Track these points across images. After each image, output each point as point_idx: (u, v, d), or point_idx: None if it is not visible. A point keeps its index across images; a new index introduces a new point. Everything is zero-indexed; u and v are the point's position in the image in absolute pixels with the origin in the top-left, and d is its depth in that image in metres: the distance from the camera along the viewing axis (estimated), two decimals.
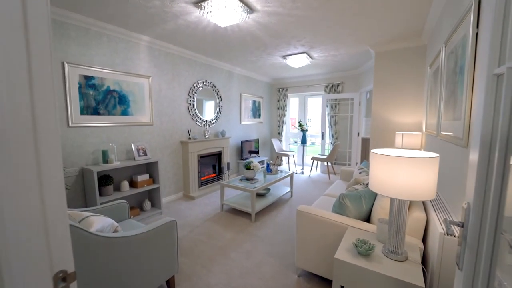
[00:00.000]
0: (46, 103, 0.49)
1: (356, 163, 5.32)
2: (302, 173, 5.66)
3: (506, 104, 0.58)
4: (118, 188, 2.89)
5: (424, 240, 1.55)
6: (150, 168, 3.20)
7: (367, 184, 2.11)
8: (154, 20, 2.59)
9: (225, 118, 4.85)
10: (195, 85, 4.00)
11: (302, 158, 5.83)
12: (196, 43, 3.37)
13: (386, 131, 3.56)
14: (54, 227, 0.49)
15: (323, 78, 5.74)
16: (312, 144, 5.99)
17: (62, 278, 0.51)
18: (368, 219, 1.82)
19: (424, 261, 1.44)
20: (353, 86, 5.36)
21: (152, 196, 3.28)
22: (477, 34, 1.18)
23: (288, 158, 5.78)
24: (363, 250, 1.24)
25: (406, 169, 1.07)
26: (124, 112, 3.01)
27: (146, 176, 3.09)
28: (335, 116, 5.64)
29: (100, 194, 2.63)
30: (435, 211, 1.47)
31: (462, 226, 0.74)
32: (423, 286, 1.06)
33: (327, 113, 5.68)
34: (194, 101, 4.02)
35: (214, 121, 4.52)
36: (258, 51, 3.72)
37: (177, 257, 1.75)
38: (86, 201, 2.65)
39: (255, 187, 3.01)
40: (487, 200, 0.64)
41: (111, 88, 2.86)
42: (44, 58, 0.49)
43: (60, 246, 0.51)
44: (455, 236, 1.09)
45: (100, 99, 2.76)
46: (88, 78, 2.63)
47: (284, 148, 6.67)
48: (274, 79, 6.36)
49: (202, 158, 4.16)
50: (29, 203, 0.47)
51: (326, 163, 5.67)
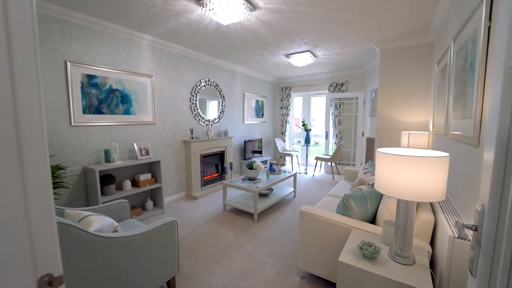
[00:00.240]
0: (29, 97, 0.46)
1: (361, 163, 5.24)
2: (306, 173, 5.60)
3: None
4: (120, 188, 2.89)
5: (432, 242, 1.49)
6: (153, 168, 3.19)
7: (372, 184, 2.06)
8: (156, 19, 2.58)
9: (228, 117, 4.82)
10: (197, 84, 3.98)
11: (306, 158, 5.78)
12: (199, 42, 3.35)
13: (391, 131, 3.48)
14: (39, 227, 0.46)
15: (327, 77, 5.68)
16: (316, 144, 5.93)
17: (48, 282, 0.48)
18: (373, 221, 1.76)
19: (432, 265, 1.39)
20: (357, 85, 5.29)
21: (155, 196, 3.26)
22: (489, 27, 1.12)
23: (292, 158, 5.73)
24: (369, 253, 1.20)
25: (414, 168, 1.02)
26: (127, 111, 3.01)
27: (148, 176, 3.08)
28: (339, 115, 5.57)
29: (102, 193, 2.62)
30: (444, 213, 1.42)
31: (476, 230, 0.69)
32: None
33: (331, 112, 5.61)
34: (196, 100, 4.00)
35: (217, 120, 4.50)
36: (261, 49, 3.69)
37: (177, 257, 1.73)
38: (88, 200, 2.65)
39: (257, 187, 2.98)
40: (504, 203, 0.59)
41: (114, 87, 2.85)
42: (27, 56, 0.47)
43: (45, 248, 0.48)
44: (468, 240, 1.04)
45: (103, 98, 2.75)
46: (90, 77, 2.63)
47: (287, 148, 6.62)
48: (278, 78, 6.32)
49: (205, 157, 4.14)
50: (8, 199, 0.44)
51: (330, 163, 5.60)
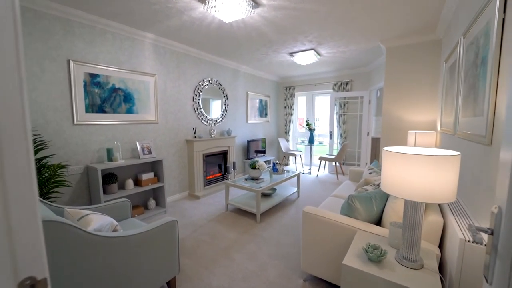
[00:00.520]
0: (8, 89, 0.44)
1: (366, 164, 5.16)
2: (310, 173, 5.54)
3: None
4: (122, 187, 2.88)
5: (441, 245, 1.44)
6: (155, 167, 3.18)
7: (378, 184, 2.00)
8: (158, 17, 2.56)
9: (231, 117, 4.79)
10: (200, 83, 3.96)
11: (310, 158, 5.72)
12: (201, 41, 3.33)
13: (397, 130, 3.41)
14: (20, 227, 0.44)
15: (332, 76, 5.61)
16: (320, 143, 5.85)
17: (31, 286, 0.45)
18: (379, 222, 1.71)
19: (441, 269, 1.33)
20: (362, 84, 5.20)
21: (157, 195, 3.25)
22: (503, 19, 1.06)
23: (295, 158, 5.67)
24: (374, 256, 1.15)
25: (423, 168, 0.97)
26: (129, 110, 3.00)
27: (150, 175, 3.07)
28: (344, 115, 5.49)
29: (105, 192, 2.62)
30: (454, 215, 1.36)
31: (492, 234, 0.64)
32: None
33: (335, 112, 5.54)
34: (199, 99, 3.98)
35: (220, 120, 4.47)
36: (264, 48, 3.65)
37: (178, 257, 1.70)
38: (90, 199, 2.65)
39: (260, 187, 2.94)
40: None
41: (116, 86, 2.85)
42: (8, 53, 0.45)
43: (28, 249, 0.45)
44: (483, 245, 0.98)
45: (105, 97, 2.75)
46: (93, 76, 2.63)
47: (291, 148, 6.57)
48: (281, 77, 6.27)
49: (208, 157, 4.12)
50: None
51: (334, 163, 5.53)
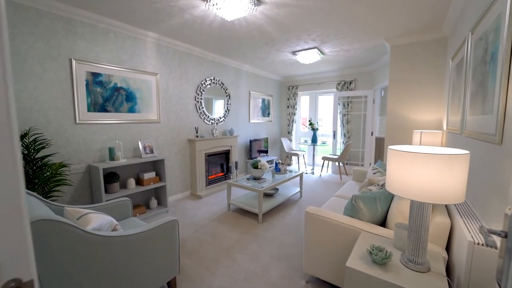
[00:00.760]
0: None
1: (370, 164, 5.09)
2: (313, 173, 5.49)
3: None
4: (124, 186, 2.87)
5: (447, 248, 1.39)
6: (157, 166, 3.17)
7: (382, 185, 1.95)
8: (160, 15, 2.55)
9: (233, 116, 4.77)
10: (203, 82, 3.95)
11: (313, 158, 5.67)
12: (203, 39, 3.31)
13: (402, 130, 3.35)
14: (2, 227, 0.41)
15: (335, 75, 5.55)
16: (323, 143, 5.81)
17: None
18: (383, 224, 1.67)
19: (448, 272, 1.29)
20: (366, 83, 5.14)
21: (159, 194, 3.24)
22: None
23: (298, 157, 5.63)
24: (379, 258, 1.11)
25: (430, 167, 0.93)
26: (131, 110, 3.00)
27: (152, 174, 3.06)
28: (348, 114, 5.43)
29: (106, 192, 2.62)
30: (461, 216, 1.31)
31: (506, 237, 0.60)
32: None
33: (339, 111, 5.48)
34: (201, 98, 3.96)
35: (222, 119, 4.45)
36: (266, 46, 3.62)
37: (178, 257, 1.68)
38: (92, 198, 2.64)
39: (262, 187, 2.91)
40: None
41: (118, 85, 2.84)
42: None
43: (12, 250, 0.43)
44: (495, 248, 0.94)
45: (107, 96, 2.75)
46: (95, 75, 2.63)
47: (294, 148, 6.52)
48: (284, 76, 6.23)
49: (210, 156, 4.10)
50: None
51: (337, 163, 5.47)
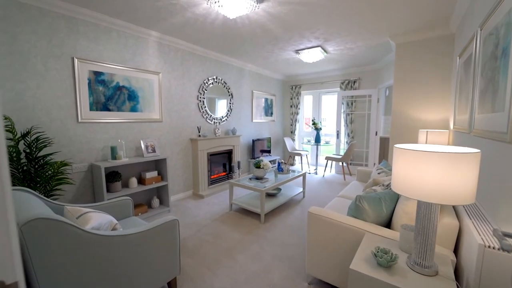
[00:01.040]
0: None
1: (374, 164, 5.02)
2: (316, 173, 5.44)
3: None
4: (126, 185, 2.87)
5: (455, 250, 1.34)
6: (159, 165, 3.16)
7: (387, 185, 1.91)
8: (162, 14, 2.53)
9: (236, 116, 4.75)
10: (205, 81, 3.93)
11: (316, 158, 5.62)
12: (206, 38, 3.29)
13: (407, 129, 3.28)
14: None
15: (339, 74, 5.49)
16: (326, 143, 5.74)
17: None
18: (388, 225, 1.62)
19: (456, 276, 1.24)
20: (371, 82, 5.07)
21: (161, 194, 3.24)
22: None
23: (301, 157, 5.58)
24: (384, 261, 1.07)
25: (438, 166, 0.89)
26: (134, 109, 2.99)
27: (154, 173, 3.05)
28: (351, 114, 5.37)
29: (108, 191, 2.61)
30: (470, 218, 1.26)
31: None
32: None
33: (342, 111, 5.42)
34: (204, 98, 3.95)
35: (224, 118, 4.43)
36: (269, 45, 3.58)
37: (179, 258, 1.66)
38: (94, 197, 2.64)
39: (265, 187, 2.88)
40: None
41: (121, 84, 2.84)
42: None
43: None
44: (510, 252, 0.89)
45: (110, 95, 2.75)
46: (97, 74, 2.63)
47: (297, 148, 6.48)
48: (287, 76, 6.19)
49: (212, 156, 4.08)
50: None
51: (341, 163, 5.41)
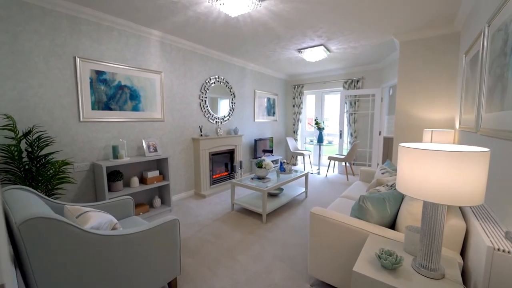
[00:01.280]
0: None
1: (377, 164, 4.97)
2: (318, 173, 5.40)
3: None
4: (128, 184, 2.87)
5: (462, 253, 1.30)
6: (161, 165, 3.15)
7: (391, 185, 1.87)
8: (163, 13, 2.52)
9: (238, 115, 4.73)
10: (207, 81, 3.92)
11: (319, 158, 5.58)
12: (208, 37, 3.28)
13: (412, 129, 3.23)
14: None
15: (342, 74, 5.44)
16: (329, 143, 5.69)
17: None
18: (392, 226, 1.59)
19: (463, 279, 1.21)
20: (374, 81, 5.02)
21: (162, 193, 3.23)
22: None
23: (304, 157, 5.55)
24: (389, 263, 1.04)
25: (446, 166, 0.86)
26: (135, 108, 2.99)
27: (156, 173, 3.04)
28: (355, 113, 5.31)
29: (110, 190, 2.61)
30: (478, 219, 1.23)
31: None
32: None
33: (345, 110, 5.37)
34: (206, 97, 3.94)
35: (226, 118, 4.42)
36: (271, 44, 3.56)
37: (179, 258, 1.64)
38: (96, 196, 2.64)
39: (267, 187, 2.85)
40: None
41: (123, 83, 2.84)
42: None
43: None
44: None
45: (111, 94, 2.74)
46: (99, 73, 2.62)
47: (299, 147, 6.44)
48: (290, 75, 6.15)
49: (214, 155, 4.07)
50: None
51: (344, 163, 5.36)
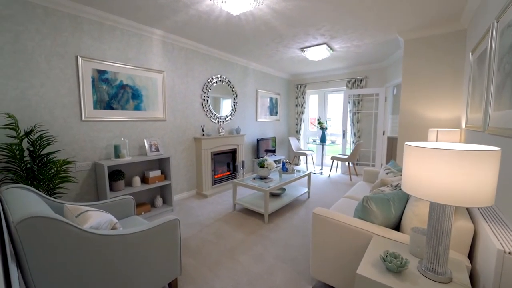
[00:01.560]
0: None
1: (381, 164, 4.91)
2: (321, 173, 5.35)
3: None
4: (129, 184, 2.86)
5: (470, 256, 1.26)
6: (162, 164, 3.15)
7: (396, 186, 1.83)
8: (165, 12, 2.51)
9: (240, 115, 4.71)
10: (209, 80, 3.91)
11: (321, 158, 5.53)
12: (209, 36, 3.26)
13: (416, 128, 3.18)
14: None
15: (345, 73, 5.39)
16: (332, 143, 5.64)
17: None
18: (397, 227, 1.55)
19: (471, 283, 1.17)
20: (378, 80, 4.96)
21: (164, 193, 3.22)
22: None
23: (306, 157, 5.50)
24: (394, 266, 1.01)
25: (456, 165, 0.82)
26: (137, 107, 2.98)
27: (158, 172, 3.03)
28: (358, 113, 5.26)
29: (112, 189, 2.61)
30: (486, 221, 1.19)
31: None
32: None
33: (348, 110, 5.32)
34: (208, 97, 3.92)
35: (229, 118, 4.40)
36: (273, 43, 3.53)
37: (180, 258, 1.63)
38: (98, 195, 2.64)
39: (269, 187, 2.82)
40: None
41: (124, 82, 2.83)
42: None
43: None
44: None
45: (113, 94, 2.74)
46: (101, 73, 2.62)
47: (302, 147, 6.40)
48: (292, 74, 6.12)
49: (216, 155, 4.05)
50: None
51: (347, 164, 5.31)
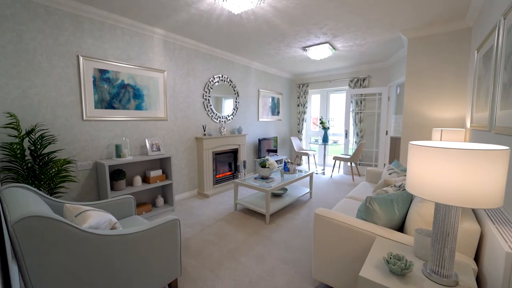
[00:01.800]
0: None
1: (384, 164, 4.86)
2: (323, 173, 5.31)
3: None
4: (131, 183, 2.86)
5: (476, 258, 1.23)
6: (164, 164, 3.14)
7: (399, 186, 1.80)
8: (166, 11, 2.50)
9: (242, 114, 4.69)
10: (210, 80, 3.89)
11: (324, 158, 5.49)
12: (211, 35, 3.25)
13: (420, 128, 3.14)
14: None
15: (348, 72, 5.35)
16: (334, 143, 5.60)
17: None
18: (401, 229, 1.52)
19: (478, 287, 1.13)
20: (381, 79, 4.91)
21: (165, 193, 3.21)
22: None
23: (308, 157, 5.47)
24: (398, 268, 0.98)
25: (460, 165, 0.80)
26: (139, 107, 2.97)
27: (159, 172, 3.03)
28: (360, 113, 5.22)
29: (113, 189, 2.60)
30: (494, 223, 1.15)
31: None
32: None
33: (351, 109, 5.28)
34: (209, 96, 3.91)
35: (230, 117, 4.38)
36: (275, 42, 3.50)
37: (180, 258, 1.61)
38: (99, 195, 2.64)
39: (270, 187, 2.80)
40: None
41: (126, 82, 2.83)
42: None
43: None
44: None
45: (115, 93, 2.74)
46: (102, 72, 2.62)
47: (304, 147, 6.36)
48: (294, 74, 6.09)
49: (218, 155, 4.04)
50: None
51: (349, 164, 5.27)
